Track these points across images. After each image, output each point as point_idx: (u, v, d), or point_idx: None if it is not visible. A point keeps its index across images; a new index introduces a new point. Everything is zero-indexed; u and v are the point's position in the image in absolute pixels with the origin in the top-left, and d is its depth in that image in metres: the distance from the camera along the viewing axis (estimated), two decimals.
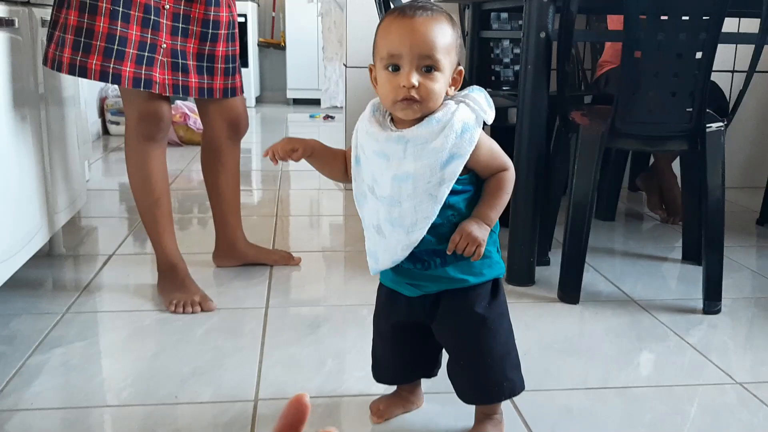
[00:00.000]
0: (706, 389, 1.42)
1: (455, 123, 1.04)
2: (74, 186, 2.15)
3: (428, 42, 1.03)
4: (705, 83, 1.76)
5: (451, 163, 1.04)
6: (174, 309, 1.73)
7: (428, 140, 1.04)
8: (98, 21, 1.56)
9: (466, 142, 1.04)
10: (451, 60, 1.06)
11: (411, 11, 1.04)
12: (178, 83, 1.70)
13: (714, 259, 1.83)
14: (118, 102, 4.37)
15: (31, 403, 1.30)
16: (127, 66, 1.60)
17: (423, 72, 1.04)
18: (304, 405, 0.37)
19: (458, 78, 1.09)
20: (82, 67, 1.59)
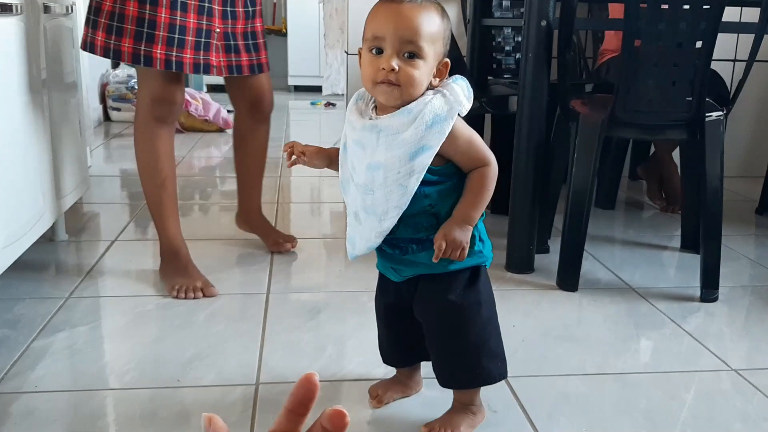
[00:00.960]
0: (702, 376, 1.43)
1: (426, 114, 1.04)
2: (77, 172, 2.16)
3: (412, 28, 1.03)
4: (705, 72, 1.77)
5: (420, 155, 1.04)
6: (176, 294, 1.74)
7: (399, 131, 1.05)
8: (160, 12, 1.61)
9: (436, 134, 1.04)
10: (437, 50, 1.06)
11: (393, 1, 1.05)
12: (232, 64, 1.78)
13: (712, 248, 1.84)
14: (119, 88, 4.38)
15: (35, 386, 1.32)
16: (187, 53, 1.66)
17: (405, 58, 1.03)
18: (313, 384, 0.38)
19: (443, 70, 1.09)
20: (147, 57, 1.62)
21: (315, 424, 0.38)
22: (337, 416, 0.37)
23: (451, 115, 1.05)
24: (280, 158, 3.52)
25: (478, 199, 1.09)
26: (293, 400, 0.39)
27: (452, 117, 1.05)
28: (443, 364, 1.19)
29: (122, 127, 4.23)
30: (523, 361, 1.47)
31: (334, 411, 0.37)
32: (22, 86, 1.70)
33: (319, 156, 1.21)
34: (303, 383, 0.38)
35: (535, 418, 1.26)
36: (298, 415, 0.39)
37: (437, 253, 1.07)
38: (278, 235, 2.12)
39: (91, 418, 1.22)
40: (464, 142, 1.07)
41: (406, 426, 1.23)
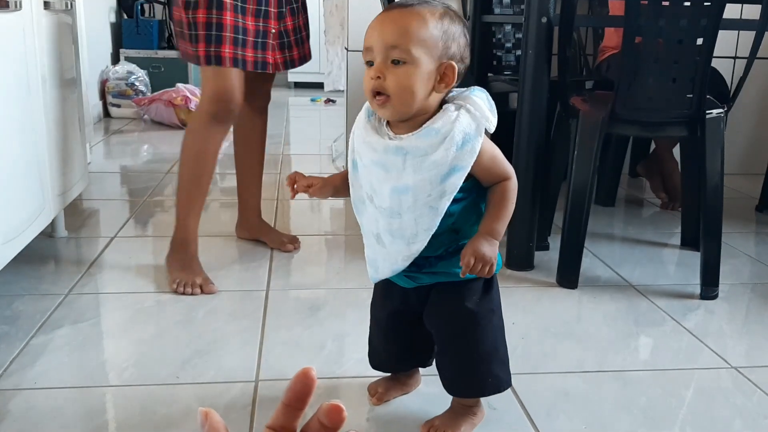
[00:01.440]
0: (702, 373, 1.43)
1: (456, 134, 1.00)
2: (76, 168, 2.15)
3: (396, 32, 0.99)
4: (705, 70, 1.76)
5: (452, 176, 1.01)
6: (176, 288, 1.76)
7: (428, 152, 1.01)
8: (225, 15, 1.72)
9: (467, 153, 1.01)
10: (433, 54, 1.00)
11: (398, 5, 1.02)
12: (287, 59, 1.90)
13: (712, 245, 1.84)
14: (119, 85, 4.37)
15: (35, 383, 1.32)
16: (249, 52, 1.77)
17: (391, 65, 0.99)
18: (310, 378, 0.38)
19: (449, 75, 1.02)
20: (217, 57, 1.73)
21: (312, 419, 0.38)
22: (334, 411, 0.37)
23: (480, 132, 1.02)
24: (280, 155, 3.52)
25: (503, 213, 1.07)
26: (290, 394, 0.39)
27: (481, 134, 1.02)
28: (455, 372, 1.17)
29: (122, 124, 4.23)
30: (523, 358, 1.47)
31: (331, 406, 0.37)
32: (21, 83, 1.70)
33: (324, 190, 1.18)
34: (300, 378, 0.38)
35: (534, 415, 1.26)
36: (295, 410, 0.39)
37: (465, 269, 1.02)
38: (281, 235, 2.13)
39: (90, 415, 1.22)
40: (489, 158, 1.05)
41: (406, 423, 1.23)
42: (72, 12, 2.15)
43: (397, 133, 1.05)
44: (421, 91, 1.00)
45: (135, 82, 4.40)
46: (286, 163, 3.37)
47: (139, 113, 4.27)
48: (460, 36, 1.03)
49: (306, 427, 0.39)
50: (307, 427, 0.39)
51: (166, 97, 4.13)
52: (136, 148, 3.66)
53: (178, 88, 4.17)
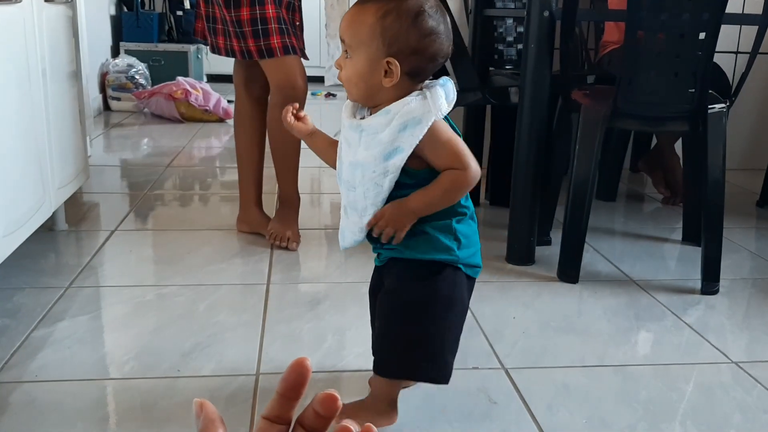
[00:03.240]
0: (702, 368, 1.43)
1: (401, 116, 1.05)
2: (76, 162, 2.15)
3: (344, 27, 1.08)
4: (707, 64, 1.76)
5: (393, 156, 1.06)
6: (268, 238, 2.04)
7: (378, 131, 1.06)
8: (267, 8, 1.84)
9: (409, 136, 1.04)
10: (370, 50, 1.05)
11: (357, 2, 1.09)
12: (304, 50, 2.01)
13: (713, 240, 1.84)
14: (119, 78, 4.36)
15: (35, 376, 1.32)
16: (293, 39, 1.90)
17: (345, 57, 1.08)
18: (305, 368, 0.38)
19: (392, 70, 1.05)
20: (268, 49, 1.86)
21: (307, 408, 0.38)
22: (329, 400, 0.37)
23: (427, 118, 1.04)
24: None
25: (434, 194, 1.08)
26: (285, 385, 0.39)
27: (427, 121, 1.04)
28: (377, 346, 1.16)
29: (122, 117, 4.22)
30: (524, 352, 1.47)
31: (326, 395, 0.37)
32: (21, 75, 1.69)
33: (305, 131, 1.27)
34: (295, 368, 0.38)
35: (535, 409, 1.26)
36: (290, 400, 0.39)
37: (371, 222, 1.09)
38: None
39: (91, 408, 1.22)
40: (442, 144, 1.07)
41: (404, 417, 1.23)
42: (72, 5, 2.14)
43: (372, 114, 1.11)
44: (362, 82, 1.08)
45: (135, 76, 4.39)
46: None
47: (139, 106, 4.27)
48: (408, 31, 1.05)
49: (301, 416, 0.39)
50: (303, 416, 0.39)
51: (166, 90, 4.12)
52: (136, 142, 3.65)
53: (178, 82, 4.16)
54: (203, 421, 0.38)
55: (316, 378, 1.34)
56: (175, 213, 2.44)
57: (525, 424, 1.21)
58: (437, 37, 1.06)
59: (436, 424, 1.19)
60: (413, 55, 1.06)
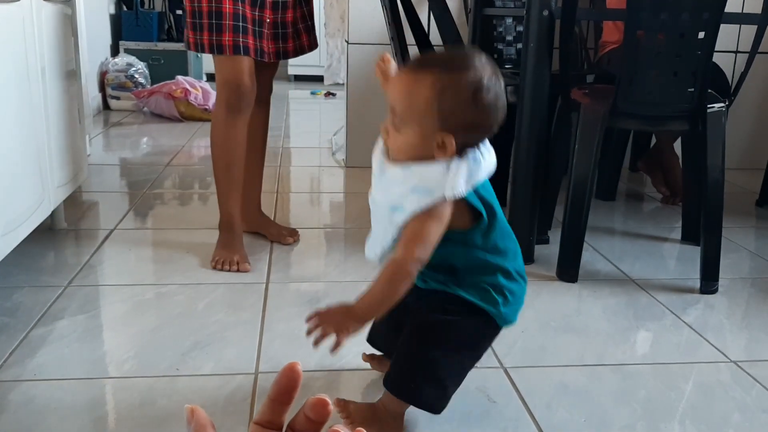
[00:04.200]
0: (701, 367, 1.43)
1: (414, 179, 1.02)
2: (75, 160, 2.15)
3: (397, 96, 1.04)
4: (707, 63, 1.76)
5: (395, 212, 1.05)
6: (214, 265, 1.86)
7: (395, 182, 1.05)
8: (224, 3, 1.75)
9: (414, 200, 1.02)
10: (424, 125, 1.01)
11: (415, 63, 1.06)
12: (279, 50, 1.90)
13: (712, 240, 1.84)
14: (118, 77, 4.36)
15: (34, 374, 1.32)
16: (249, 39, 1.79)
17: (392, 126, 1.05)
18: (296, 372, 0.38)
19: (447, 145, 1.01)
20: (219, 45, 1.77)
21: (299, 413, 0.38)
22: (320, 405, 0.37)
23: (438, 193, 1.01)
24: (280, 147, 3.51)
25: (380, 294, 1.06)
26: (276, 389, 0.39)
27: (437, 195, 1.01)
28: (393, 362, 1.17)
29: (121, 116, 4.22)
30: (523, 351, 1.47)
31: (317, 400, 0.37)
32: (20, 74, 1.69)
33: None
34: (286, 372, 0.38)
35: (534, 408, 1.26)
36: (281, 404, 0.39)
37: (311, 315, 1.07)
38: (280, 228, 2.13)
39: (90, 407, 1.22)
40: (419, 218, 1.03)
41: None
42: (71, 3, 2.14)
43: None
44: (413, 152, 1.04)
45: (134, 75, 4.39)
46: (285, 155, 3.36)
47: (139, 105, 4.27)
48: (467, 108, 1.01)
49: (293, 421, 0.39)
50: (294, 421, 0.39)
51: (165, 89, 4.12)
52: (135, 141, 3.65)
53: (177, 81, 4.16)
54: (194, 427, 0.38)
55: (316, 376, 1.34)
56: (174, 212, 2.44)
57: (524, 423, 1.21)
58: (495, 111, 1.03)
59: (434, 423, 1.19)
60: (469, 130, 1.03)
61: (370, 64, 3.03)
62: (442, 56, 1.08)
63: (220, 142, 1.89)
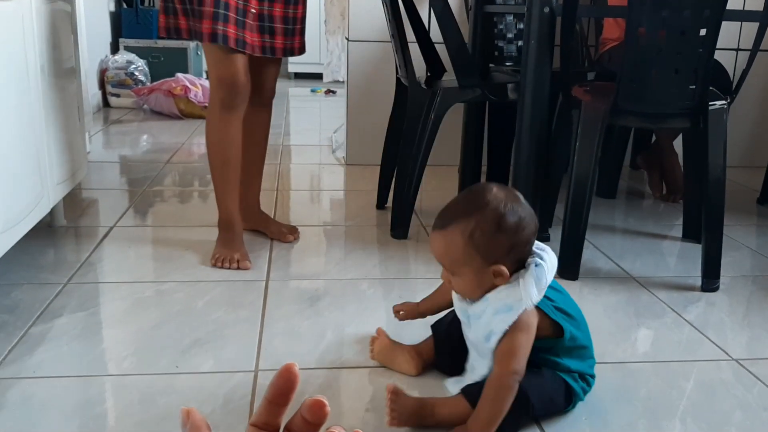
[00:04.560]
0: (702, 365, 1.43)
1: (494, 304, 1.14)
2: (75, 158, 2.14)
3: (437, 254, 1.18)
4: (708, 61, 1.75)
5: (490, 339, 1.14)
6: (214, 263, 1.86)
7: (480, 316, 1.17)
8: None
9: (500, 321, 1.13)
10: (473, 266, 1.14)
11: (435, 224, 1.18)
12: (266, 45, 1.82)
13: (713, 238, 1.83)
14: (118, 74, 4.35)
15: (33, 372, 1.31)
16: (231, 28, 1.72)
17: (449, 274, 1.18)
18: (293, 374, 0.38)
19: (501, 272, 1.13)
20: (196, 32, 1.72)
21: (296, 414, 0.38)
22: (317, 406, 0.37)
23: (517, 306, 1.12)
24: (280, 145, 3.51)
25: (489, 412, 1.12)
26: (273, 390, 0.38)
27: (517, 309, 1.12)
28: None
29: (121, 113, 4.21)
30: None
31: (314, 401, 0.37)
32: (20, 71, 1.69)
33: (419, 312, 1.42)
34: (283, 374, 0.38)
35: None
36: (278, 406, 0.38)
37: None
38: (280, 225, 2.12)
39: (89, 404, 1.22)
40: (512, 334, 1.12)
41: None
42: (71, 1, 2.14)
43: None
44: (478, 288, 1.17)
45: (134, 72, 4.38)
46: (285, 153, 3.36)
47: (139, 103, 4.26)
48: (498, 238, 1.13)
49: (290, 423, 0.38)
50: (291, 423, 0.38)
51: (165, 86, 4.12)
52: (135, 138, 3.65)
53: (177, 78, 4.15)
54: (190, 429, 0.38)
55: (316, 374, 1.34)
56: (174, 209, 2.44)
57: (525, 421, 1.20)
58: (525, 226, 1.14)
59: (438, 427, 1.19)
60: (512, 252, 1.14)
61: (370, 61, 3.04)
62: (457, 206, 1.18)
63: (216, 141, 1.86)
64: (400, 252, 2.02)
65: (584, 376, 1.25)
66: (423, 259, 1.98)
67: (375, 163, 2.55)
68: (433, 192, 2.62)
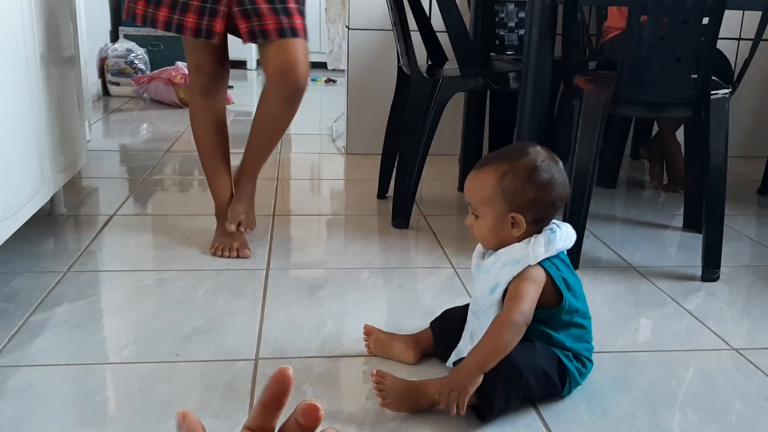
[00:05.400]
0: (702, 355, 1.43)
1: (504, 257, 1.19)
2: (74, 146, 2.14)
3: (468, 192, 1.23)
4: (711, 50, 1.74)
5: (495, 290, 1.19)
6: (213, 251, 1.85)
7: (490, 269, 1.21)
8: None
9: (506, 273, 1.17)
10: (495, 208, 1.19)
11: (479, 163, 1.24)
12: (255, 29, 1.68)
13: (714, 227, 1.83)
14: (118, 63, 4.34)
15: (34, 360, 1.31)
16: (189, 17, 1.67)
17: (473, 217, 1.23)
18: (287, 377, 0.38)
19: (520, 222, 1.18)
20: (152, 19, 1.69)
21: (289, 418, 0.38)
22: (311, 410, 0.37)
23: (524, 261, 1.17)
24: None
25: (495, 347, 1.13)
26: (267, 394, 0.38)
27: (524, 263, 1.16)
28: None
29: (121, 102, 4.20)
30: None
31: (308, 405, 0.37)
32: (18, 60, 1.68)
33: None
34: (277, 377, 0.38)
35: None
36: (272, 409, 0.38)
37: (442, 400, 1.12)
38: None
39: (89, 392, 1.22)
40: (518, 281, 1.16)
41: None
42: None
43: None
44: (494, 237, 1.21)
45: (134, 61, 4.37)
46: (285, 142, 3.35)
47: (139, 92, 4.25)
48: (526, 187, 1.18)
49: (284, 426, 0.38)
50: (285, 426, 0.38)
51: (165, 75, 4.10)
52: (135, 127, 3.64)
53: (177, 67, 4.14)
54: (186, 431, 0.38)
55: (316, 363, 1.34)
56: (174, 198, 2.43)
57: (525, 411, 1.21)
58: (554, 187, 1.19)
59: (436, 411, 1.19)
60: (534, 206, 1.18)
61: (371, 49, 3.03)
62: (499, 152, 1.24)
63: (198, 128, 1.87)
64: (400, 241, 2.02)
65: (579, 356, 1.24)
66: (423, 248, 1.98)
67: (376, 152, 2.55)
68: (434, 182, 2.61)
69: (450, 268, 1.81)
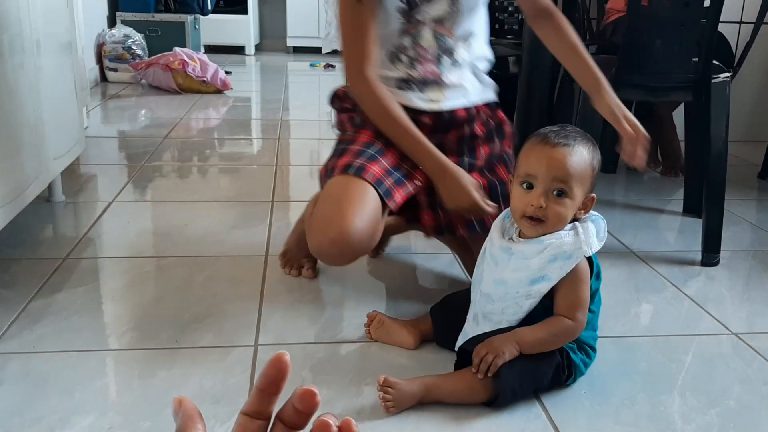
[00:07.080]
0: (702, 339, 1.43)
1: (553, 248, 1.12)
2: (72, 132, 2.13)
3: (563, 169, 1.12)
4: (712, 33, 1.73)
5: (539, 283, 1.14)
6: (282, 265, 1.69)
7: (528, 257, 1.14)
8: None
9: (557, 268, 1.12)
10: (585, 189, 1.15)
11: (555, 139, 1.14)
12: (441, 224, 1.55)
13: (714, 212, 1.82)
14: (115, 48, 4.32)
15: (33, 347, 1.31)
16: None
17: (554, 195, 1.13)
18: (284, 363, 0.38)
19: (589, 204, 1.17)
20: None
21: (286, 404, 0.38)
22: (308, 395, 0.37)
23: (578, 254, 1.12)
24: (279, 120, 3.49)
25: (546, 340, 1.15)
26: (264, 379, 0.38)
27: (577, 257, 1.13)
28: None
29: (119, 88, 4.18)
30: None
31: (305, 390, 0.37)
32: (15, 46, 1.67)
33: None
34: (274, 363, 0.38)
35: None
36: (269, 395, 0.38)
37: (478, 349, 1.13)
38: None
39: (89, 379, 1.22)
40: (576, 286, 1.14)
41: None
42: None
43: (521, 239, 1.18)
44: (569, 219, 1.16)
45: (132, 46, 4.35)
46: (284, 128, 3.34)
47: (137, 77, 4.23)
48: (595, 170, 1.18)
49: (281, 412, 0.38)
50: (282, 412, 0.38)
51: (163, 61, 4.08)
52: (133, 113, 3.62)
53: (175, 52, 4.12)
54: (182, 417, 0.37)
55: (315, 349, 1.34)
56: (173, 184, 2.43)
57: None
58: None
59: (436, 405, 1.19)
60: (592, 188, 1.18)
61: None
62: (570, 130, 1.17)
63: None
64: None
65: (583, 346, 1.24)
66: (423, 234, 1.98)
67: None
68: None
69: (450, 254, 1.81)
